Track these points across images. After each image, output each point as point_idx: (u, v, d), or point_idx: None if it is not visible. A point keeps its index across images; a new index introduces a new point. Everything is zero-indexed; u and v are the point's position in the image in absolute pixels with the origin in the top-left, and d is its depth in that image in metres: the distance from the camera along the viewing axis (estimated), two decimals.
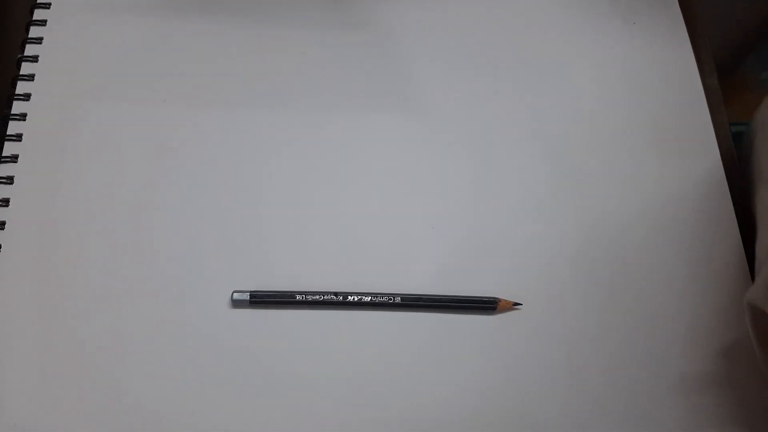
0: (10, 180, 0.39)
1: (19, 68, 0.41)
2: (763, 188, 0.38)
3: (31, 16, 0.43)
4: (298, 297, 0.37)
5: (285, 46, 0.43)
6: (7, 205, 0.38)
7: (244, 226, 0.39)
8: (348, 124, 0.42)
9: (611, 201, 0.41)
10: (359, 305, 0.37)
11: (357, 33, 0.44)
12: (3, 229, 0.38)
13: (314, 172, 0.40)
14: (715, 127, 0.43)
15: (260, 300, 0.37)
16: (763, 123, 0.40)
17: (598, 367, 0.37)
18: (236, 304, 0.37)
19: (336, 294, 0.37)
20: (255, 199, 0.39)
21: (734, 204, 0.41)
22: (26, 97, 0.41)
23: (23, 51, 0.42)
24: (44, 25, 0.43)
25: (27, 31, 0.42)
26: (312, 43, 0.44)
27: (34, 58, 0.42)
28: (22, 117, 0.40)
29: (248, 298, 0.37)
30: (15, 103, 0.40)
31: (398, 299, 0.37)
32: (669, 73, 0.44)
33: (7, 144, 0.39)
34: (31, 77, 0.41)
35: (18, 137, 0.40)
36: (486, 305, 0.37)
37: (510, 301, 0.38)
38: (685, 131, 0.43)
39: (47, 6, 0.43)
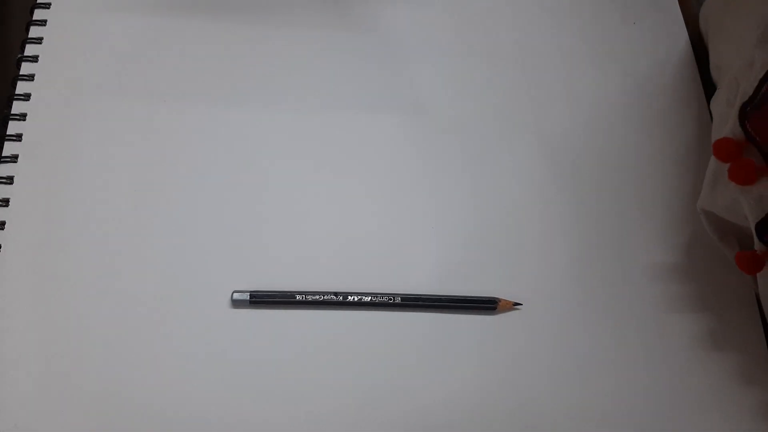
0: (10, 180, 0.39)
1: (19, 68, 0.41)
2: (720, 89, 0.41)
3: (31, 16, 0.43)
4: (298, 297, 0.37)
5: (285, 46, 0.43)
6: (7, 205, 0.38)
7: (244, 226, 0.39)
8: (348, 124, 0.42)
9: (611, 201, 0.41)
10: (359, 305, 0.37)
11: (356, 33, 0.44)
12: (3, 229, 0.38)
13: (314, 172, 0.40)
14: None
15: (260, 300, 0.37)
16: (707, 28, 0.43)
17: (599, 366, 0.37)
18: (236, 304, 0.37)
19: (336, 294, 0.37)
20: (255, 199, 0.39)
21: None
22: (26, 97, 0.41)
23: (23, 51, 0.42)
24: (44, 25, 0.43)
25: (27, 31, 0.42)
26: (312, 44, 0.44)
27: (34, 58, 0.42)
28: (22, 117, 0.40)
29: (248, 298, 0.37)
30: (15, 103, 0.40)
31: (398, 299, 0.37)
32: (669, 73, 0.44)
33: (7, 144, 0.39)
34: (31, 77, 0.41)
35: (18, 137, 0.40)
36: (486, 305, 0.37)
37: (510, 301, 0.38)
38: (683, 119, 0.43)
39: (47, 6, 0.43)
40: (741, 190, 0.34)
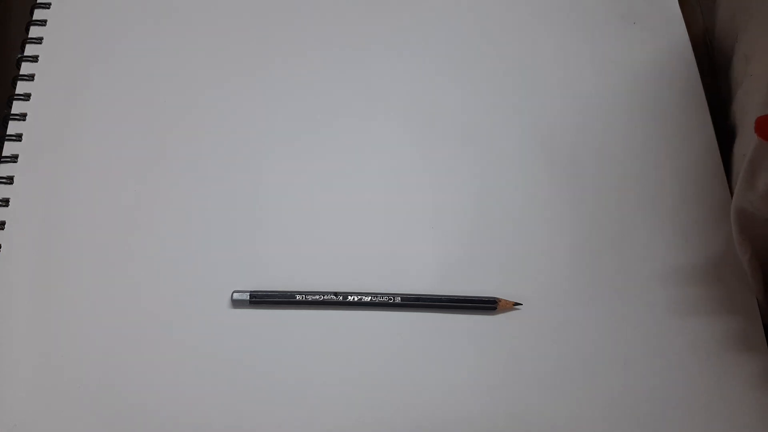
0: (10, 180, 0.39)
1: (19, 68, 0.41)
2: (740, 91, 0.40)
3: (31, 16, 0.43)
4: (298, 297, 0.37)
5: (286, 47, 0.43)
6: (7, 205, 0.38)
7: (244, 226, 0.39)
8: (348, 125, 0.42)
9: (611, 201, 0.41)
10: (359, 305, 0.37)
11: (356, 34, 0.44)
12: (3, 229, 0.38)
13: (314, 172, 0.40)
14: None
15: (260, 300, 0.37)
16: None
17: (600, 367, 0.37)
18: (236, 304, 0.37)
19: (336, 294, 0.37)
20: (255, 200, 0.39)
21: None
22: (26, 97, 0.41)
23: (23, 51, 0.42)
24: (44, 25, 0.43)
25: (27, 31, 0.42)
26: (313, 45, 0.44)
27: (34, 58, 0.42)
28: (22, 117, 0.40)
29: (248, 298, 0.37)
30: (15, 103, 0.40)
31: (398, 299, 0.37)
32: (669, 73, 0.44)
33: (7, 144, 0.39)
34: (31, 77, 0.41)
35: (18, 137, 0.40)
36: (486, 305, 0.37)
37: (510, 301, 0.38)
38: (683, 119, 0.43)
39: (47, 6, 0.43)
40: None
